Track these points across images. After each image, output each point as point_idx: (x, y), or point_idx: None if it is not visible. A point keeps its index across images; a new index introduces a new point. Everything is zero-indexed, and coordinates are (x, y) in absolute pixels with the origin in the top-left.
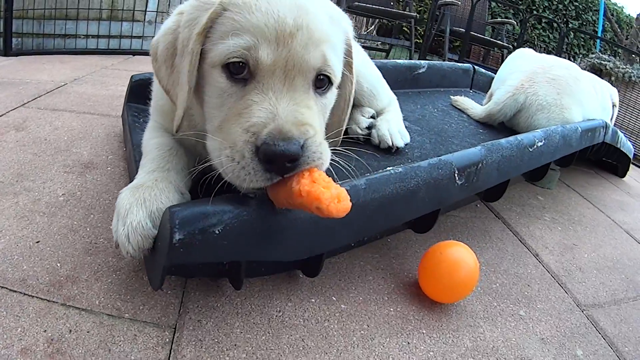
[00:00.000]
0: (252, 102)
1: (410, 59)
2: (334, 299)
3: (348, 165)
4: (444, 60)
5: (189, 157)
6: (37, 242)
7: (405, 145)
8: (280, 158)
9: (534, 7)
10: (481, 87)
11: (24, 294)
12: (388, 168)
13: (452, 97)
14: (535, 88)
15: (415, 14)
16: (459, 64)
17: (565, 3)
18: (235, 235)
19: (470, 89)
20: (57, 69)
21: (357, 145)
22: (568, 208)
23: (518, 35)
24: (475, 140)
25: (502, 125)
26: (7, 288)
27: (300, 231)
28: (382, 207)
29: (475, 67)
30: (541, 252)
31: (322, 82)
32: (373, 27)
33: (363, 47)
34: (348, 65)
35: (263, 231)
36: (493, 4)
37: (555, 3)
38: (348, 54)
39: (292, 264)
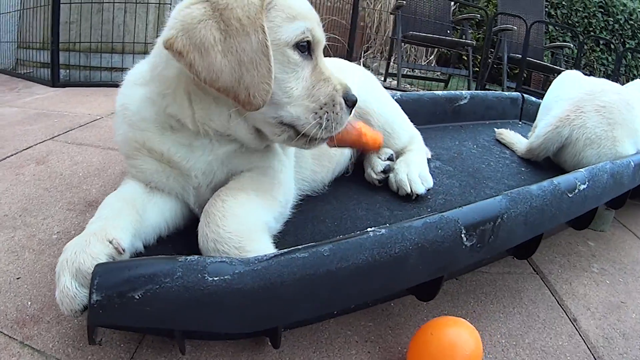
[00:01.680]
0: (325, 69)
1: (468, 88)
2: None
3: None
4: (502, 89)
5: (160, 208)
6: (17, 278)
7: (428, 190)
8: (354, 102)
9: (590, 29)
10: (532, 117)
11: None
12: (368, 229)
13: (496, 130)
14: (583, 119)
15: (472, 41)
16: (506, 93)
17: (621, 22)
18: (158, 302)
19: (520, 120)
20: (98, 102)
21: (372, 191)
22: (621, 255)
23: (575, 58)
24: (514, 182)
25: (548, 162)
26: None
27: (239, 303)
28: (355, 278)
29: (525, 95)
30: (581, 316)
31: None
32: (433, 56)
33: (422, 77)
34: None
35: (191, 301)
36: (550, 27)
37: (611, 23)
38: None
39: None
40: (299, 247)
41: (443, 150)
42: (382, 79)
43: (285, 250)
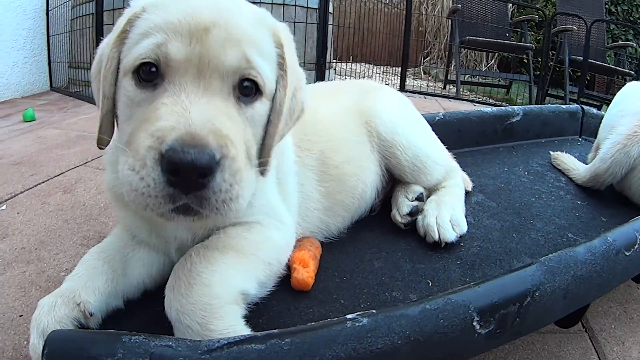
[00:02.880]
0: (161, 104)
1: (529, 93)
2: None
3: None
4: (565, 94)
5: (144, 262)
6: (20, 316)
7: (461, 237)
8: (189, 169)
9: None
10: (593, 132)
11: None
12: (348, 316)
13: (551, 153)
14: None
15: (531, 44)
16: (564, 107)
17: None
18: None
19: (580, 136)
20: None
21: (396, 236)
22: None
23: (638, 58)
24: (566, 222)
25: (610, 191)
26: None
27: None
28: None
29: (585, 107)
30: None
31: (248, 89)
32: (493, 61)
33: (482, 84)
34: (282, 72)
35: None
36: (612, 26)
37: None
38: (281, 62)
39: None
40: (258, 334)
41: (489, 179)
42: (442, 85)
43: (239, 338)
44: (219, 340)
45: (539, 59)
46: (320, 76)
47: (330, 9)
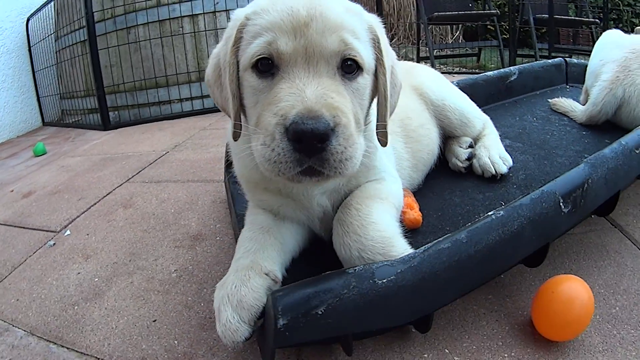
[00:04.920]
0: (280, 89)
1: (501, 57)
2: (447, 351)
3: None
4: (535, 52)
5: (292, 233)
6: (154, 321)
7: (510, 169)
8: (310, 136)
9: None
10: (577, 78)
11: None
12: (489, 213)
13: (549, 100)
14: (632, 77)
15: (495, 11)
16: (550, 61)
17: None
18: (338, 313)
19: (567, 84)
20: (156, 137)
21: (459, 178)
22: None
23: (602, 5)
24: (580, 147)
25: (606, 123)
26: None
27: (403, 299)
28: (488, 256)
29: (567, 59)
30: None
31: (350, 67)
32: (459, 32)
33: (453, 55)
34: (378, 56)
35: (365, 305)
36: None
37: None
38: (375, 45)
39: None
40: (440, 239)
41: (507, 128)
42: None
43: (430, 244)
44: (417, 250)
45: (504, 24)
46: None
47: None
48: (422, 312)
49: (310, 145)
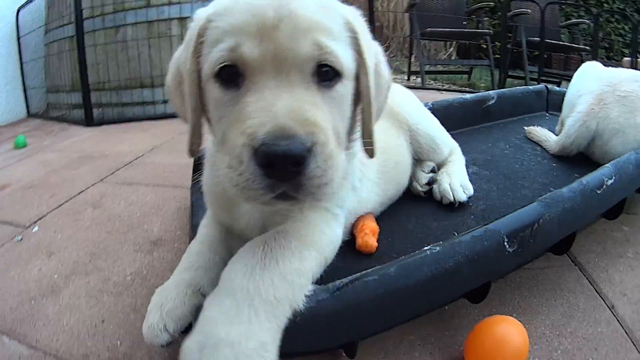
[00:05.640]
0: (247, 103)
1: (492, 77)
2: None
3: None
4: (525, 74)
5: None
6: (102, 321)
7: (470, 197)
8: (282, 159)
9: (604, 1)
10: (558, 106)
11: None
12: (425, 248)
13: (525, 128)
14: (606, 111)
15: (489, 30)
16: (531, 87)
17: None
18: None
19: (547, 112)
20: (137, 137)
21: (417, 203)
22: None
23: (592, 34)
24: (547, 179)
25: (580, 155)
26: None
27: (324, 326)
28: (417, 292)
29: (549, 86)
30: (617, 302)
31: (326, 74)
32: (452, 49)
33: (444, 72)
34: (358, 56)
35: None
36: (564, 6)
37: None
38: (355, 43)
39: None
40: (368, 271)
41: (478, 154)
42: (405, 77)
43: (358, 274)
44: (342, 280)
45: (497, 43)
46: None
47: None
48: (345, 340)
49: (284, 170)
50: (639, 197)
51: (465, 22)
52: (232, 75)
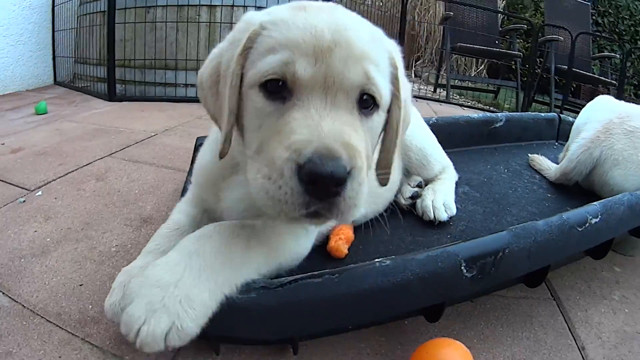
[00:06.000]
0: (293, 119)
1: (516, 99)
2: None
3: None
4: (551, 100)
5: None
6: (80, 285)
7: (451, 218)
8: (328, 180)
9: (638, 37)
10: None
11: (55, 325)
12: (375, 260)
13: (529, 155)
14: (612, 141)
15: (519, 52)
16: (543, 114)
17: None
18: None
19: (557, 141)
20: (154, 117)
21: (398, 216)
22: None
23: (620, 69)
24: (536, 209)
25: (576, 187)
26: (45, 318)
27: (263, 317)
28: (359, 302)
29: (562, 115)
30: (590, 345)
31: (366, 102)
32: (483, 67)
33: (471, 88)
34: (395, 90)
35: (229, 314)
36: (598, 38)
37: None
38: (394, 78)
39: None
40: (315, 273)
41: (474, 174)
42: (432, 89)
43: (302, 275)
44: (288, 277)
45: (527, 66)
46: None
47: None
48: (283, 335)
49: (326, 189)
50: (636, 239)
51: (498, 42)
52: (278, 88)
